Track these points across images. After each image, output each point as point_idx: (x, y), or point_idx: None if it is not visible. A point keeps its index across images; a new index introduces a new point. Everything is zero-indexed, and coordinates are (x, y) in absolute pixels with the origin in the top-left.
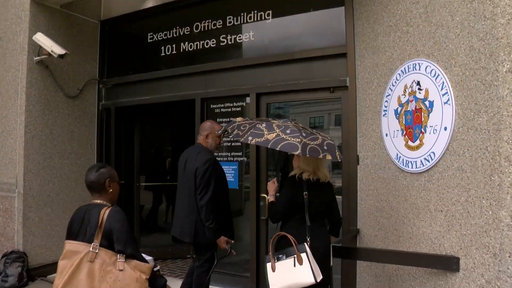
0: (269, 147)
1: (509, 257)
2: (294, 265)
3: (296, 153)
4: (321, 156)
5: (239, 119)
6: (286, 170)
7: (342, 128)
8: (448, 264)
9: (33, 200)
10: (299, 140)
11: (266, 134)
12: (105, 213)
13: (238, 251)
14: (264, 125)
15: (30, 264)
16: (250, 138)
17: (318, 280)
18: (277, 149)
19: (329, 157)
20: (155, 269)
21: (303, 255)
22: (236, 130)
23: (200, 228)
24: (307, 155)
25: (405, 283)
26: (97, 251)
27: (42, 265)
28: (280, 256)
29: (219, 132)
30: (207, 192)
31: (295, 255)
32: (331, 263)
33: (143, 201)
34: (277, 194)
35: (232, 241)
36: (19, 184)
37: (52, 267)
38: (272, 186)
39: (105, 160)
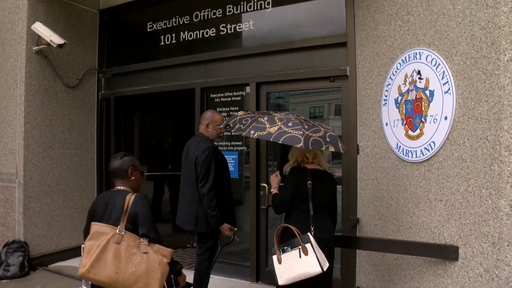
0: (271, 140)
1: (507, 245)
2: (300, 256)
3: (299, 145)
4: (324, 148)
5: (240, 113)
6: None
7: (342, 117)
8: (447, 253)
9: (34, 190)
10: (301, 132)
11: (268, 128)
12: (130, 198)
13: (238, 241)
14: (266, 118)
15: (31, 254)
16: (252, 131)
17: (325, 269)
18: (280, 142)
19: (331, 148)
20: None
21: (308, 246)
22: (238, 124)
23: (202, 217)
24: (310, 148)
25: (404, 272)
26: (123, 233)
27: (43, 255)
28: (285, 248)
29: (221, 126)
30: (208, 180)
31: (300, 246)
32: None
33: (145, 191)
34: (281, 184)
35: (235, 229)
36: (19, 174)
37: (53, 257)
38: (275, 179)
39: (105, 150)
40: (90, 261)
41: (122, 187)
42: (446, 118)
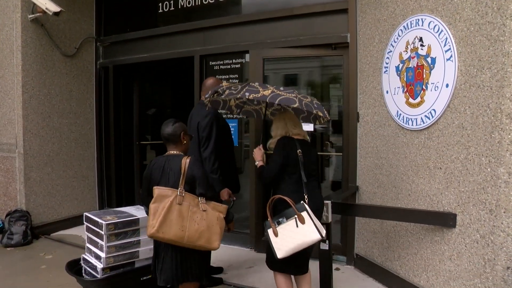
0: (268, 100)
1: (504, 212)
2: (297, 226)
3: (295, 106)
4: (314, 111)
5: (224, 83)
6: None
7: (343, 85)
8: (445, 220)
9: (34, 160)
10: (295, 95)
11: (261, 91)
12: (186, 162)
13: (238, 208)
14: (257, 83)
15: (33, 223)
16: (247, 93)
17: (324, 235)
18: (276, 102)
19: (320, 113)
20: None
21: (304, 214)
22: (227, 90)
23: None
24: (304, 108)
25: (402, 239)
26: (183, 195)
27: (45, 224)
28: (280, 219)
29: (207, 96)
30: (209, 145)
31: (296, 216)
32: (330, 219)
33: (148, 160)
34: (265, 159)
35: (234, 198)
36: (19, 144)
37: (55, 226)
38: (259, 152)
39: (104, 119)
40: (158, 222)
41: (175, 152)
42: (447, 85)
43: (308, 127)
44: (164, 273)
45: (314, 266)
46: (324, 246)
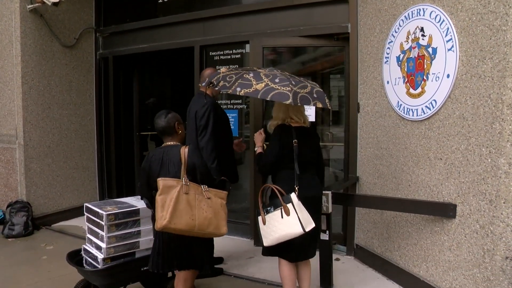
0: (259, 97)
1: (504, 203)
2: (282, 217)
3: (288, 102)
4: (312, 104)
5: (223, 69)
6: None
7: (344, 76)
8: (445, 210)
9: (34, 151)
10: (289, 89)
11: (254, 84)
12: (185, 151)
13: (238, 199)
14: (251, 75)
15: (34, 214)
16: (238, 89)
17: (307, 230)
18: (268, 99)
19: (319, 105)
20: None
21: (289, 206)
22: (222, 81)
23: None
24: (299, 104)
25: (402, 229)
26: (188, 184)
27: (46, 215)
28: (268, 208)
29: (203, 84)
30: (206, 133)
31: (282, 206)
32: (330, 210)
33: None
34: (265, 145)
35: (231, 187)
36: (19, 135)
37: (55, 217)
38: (259, 137)
39: (104, 110)
40: (169, 213)
41: (172, 143)
42: (448, 76)
43: (310, 114)
44: (169, 259)
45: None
46: (324, 237)
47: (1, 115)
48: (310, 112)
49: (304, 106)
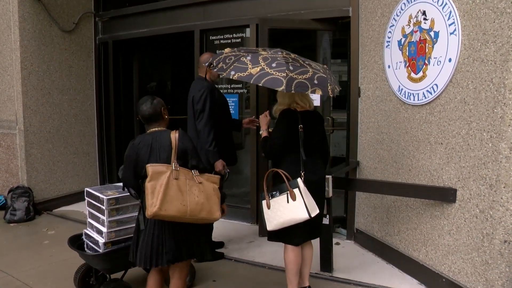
0: (251, 82)
1: (504, 187)
2: (288, 201)
3: (280, 89)
4: (309, 91)
5: (226, 50)
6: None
7: (347, 60)
8: (445, 195)
9: (34, 136)
10: (284, 74)
11: (249, 68)
12: (175, 136)
13: (239, 183)
14: (249, 57)
15: (35, 199)
16: (232, 72)
17: (313, 215)
18: (260, 84)
19: (319, 92)
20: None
21: (296, 191)
22: (221, 63)
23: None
24: (293, 91)
25: (402, 214)
26: (178, 169)
27: (47, 200)
28: (274, 193)
29: (206, 64)
30: (203, 117)
31: (288, 191)
32: (331, 194)
33: None
34: (270, 130)
35: (228, 170)
36: (19, 121)
37: (56, 202)
38: (264, 119)
39: (104, 95)
40: (159, 199)
41: (159, 128)
42: (450, 60)
43: (315, 99)
44: (164, 254)
45: (314, 240)
46: (325, 221)
47: (0, 101)
48: (315, 97)
49: None
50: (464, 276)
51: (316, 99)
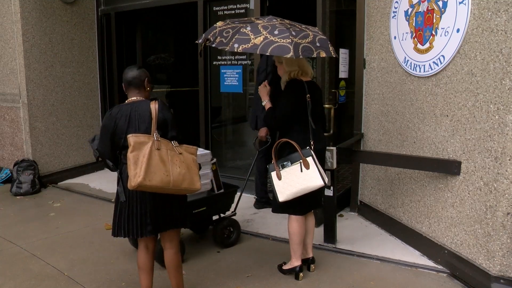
0: (258, 52)
1: (509, 160)
2: (301, 170)
3: (289, 55)
4: (315, 54)
5: (219, 23)
6: (276, 76)
7: (352, 31)
8: (450, 167)
9: (38, 109)
10: (290, 40)
11: (252, 39)
12: (155, 106)
13: (243, 155)
14: (248, 28)
15: (40, 172)
16: (236, 45)
17: (327, 182)
18: (268, 53)
19: (323, 54)
20: (212, 161)
21: (309, 159)
22: (218, 37)
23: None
24: (300, 56)
25: (406, 186)
26: (159, 140)
27: (52, 173)
28: (285, 163)
29: (200, 41)
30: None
31: (301, 160)
32: (335, 166)
33: None
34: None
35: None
36: (22, 94)
37: (61, 175)
38: (264, 90)
39: (107, 67)
40: (142, 170)
41: (138, 98)
42: (458, 30)
43: (344, 70)
44: (147, 225)
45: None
46: (329, 193)
47: (3, 74)
48: (343, 68)
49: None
50: (466, 248)
51: (345, 70)
